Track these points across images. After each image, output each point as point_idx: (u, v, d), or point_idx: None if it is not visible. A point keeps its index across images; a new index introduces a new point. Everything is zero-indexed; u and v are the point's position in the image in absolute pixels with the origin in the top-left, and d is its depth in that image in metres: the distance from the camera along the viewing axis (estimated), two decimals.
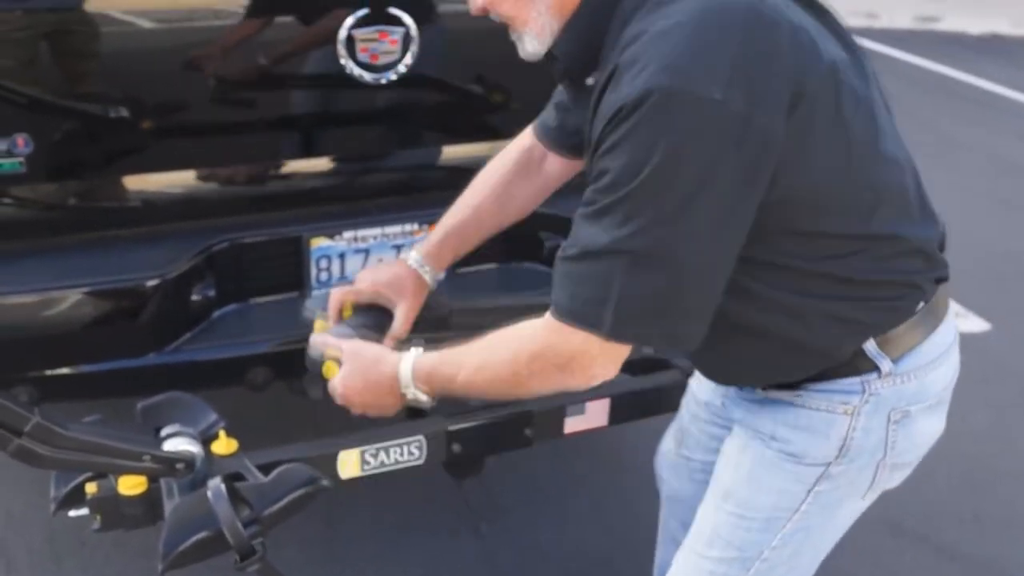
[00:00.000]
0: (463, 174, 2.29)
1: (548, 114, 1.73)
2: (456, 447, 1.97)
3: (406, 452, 1.93)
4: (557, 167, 1.77)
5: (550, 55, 1.39)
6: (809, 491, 1.42)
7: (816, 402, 1.39)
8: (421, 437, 1.94)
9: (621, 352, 1.29)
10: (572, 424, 2.05)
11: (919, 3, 11.01)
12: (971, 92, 7.59)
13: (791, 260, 1.28)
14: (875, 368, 1.36)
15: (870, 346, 1.35)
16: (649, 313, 1.22)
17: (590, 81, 1.35)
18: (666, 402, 2.17)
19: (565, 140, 1.69)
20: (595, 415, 2.07)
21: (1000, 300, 4.09)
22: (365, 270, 1.76)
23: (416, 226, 2.24)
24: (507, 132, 2.30)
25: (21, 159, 1.88)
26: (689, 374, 2.08)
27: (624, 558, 2.49)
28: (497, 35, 2.19)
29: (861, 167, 1.27)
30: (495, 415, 2.00)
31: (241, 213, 2.14)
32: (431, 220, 2.22)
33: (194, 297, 2.07)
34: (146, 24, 1.93)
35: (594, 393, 2.06)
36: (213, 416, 1.80)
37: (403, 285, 1.75)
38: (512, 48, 2.20)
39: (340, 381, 1.59)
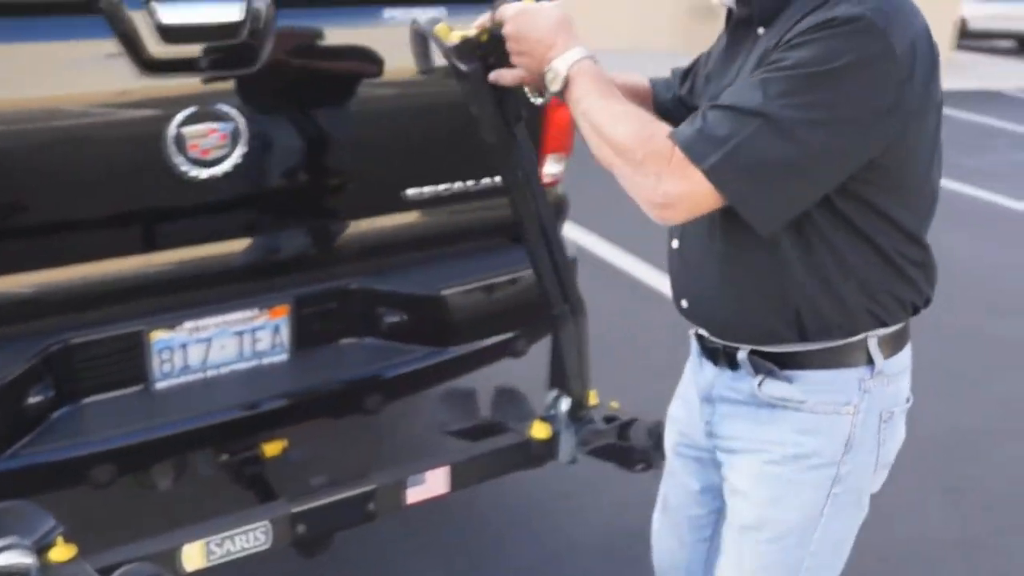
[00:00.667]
0: (300, 259, 2.39)
1: (667, 83, 1.84)
2: (301, 528, 2.03)
3: (252, 538, 1.98)
4: None
5: (743, 2, 1.51)
6: (828, 495, 1.54)
7: (821, 405, 1.51)
8: (266, 522, 2.00)
9: (701, 199, 1.37)
10: (414, 495, 2.15)
11: None
12: None
13: (856, 221, 1.43)
14: (870, 363, 1.50)
15: (872, 342, 1.49)
16: (752, 172, 1.34)
17: (761, 31, 1.48)
18: (504, 464, 2.29)
19: (662, 108, 1.78)
20: (435, 483, 2.16)
21: None
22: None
23: (256, 311, 2.29)
24: (342, 214, 2.41)
25: None
26: (523, 438, 2.21)
27: None
28: (322, 124, 2.31)
29: (935, 178, 1.49)
30: (338, 495, 2.07)
31: (78, 312, 2.14)
32: (270, 305, 2.31)
33: (31, 400, 2.06)
34: None
35: (433, 463, 2.16)
36: (50, 522, 1.81)
37: None
38: (342, 132, 2.31)
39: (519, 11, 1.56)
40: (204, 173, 2.13)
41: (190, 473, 2.36)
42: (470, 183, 2.52)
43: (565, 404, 2.29)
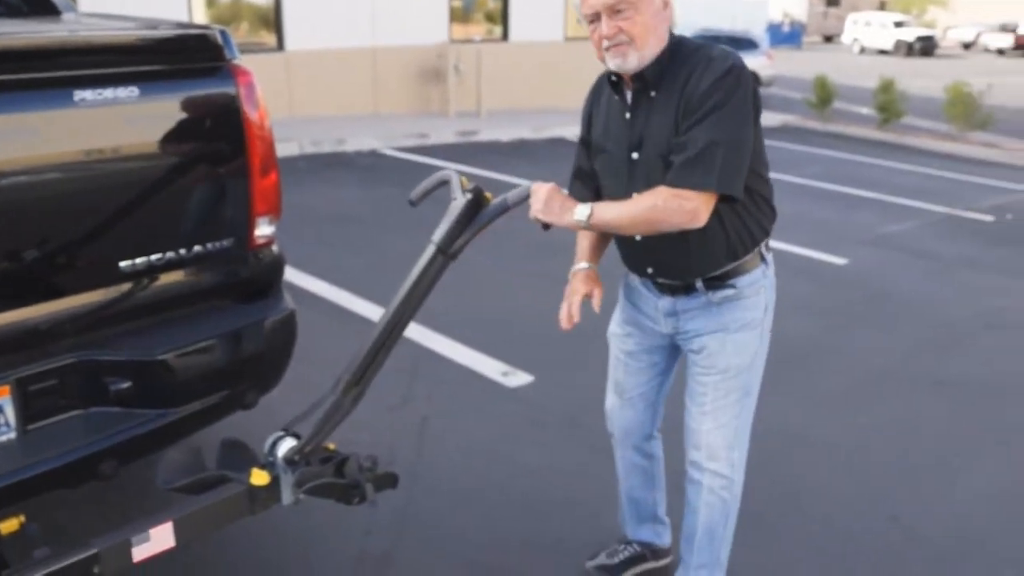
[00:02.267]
0: (19, 337, 2.44)
1: (580, 184, 2.61)
2: None
3: None
4: None
5: (639, 75, 2.31)
6: (759, 339, 2.55)
7: (749, 291, 2.48)
8: None
9: (711, 201, 2.26)
10: (140, 552, 2.25)
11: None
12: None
13: (752, 186, 2.36)
14: (764, 260, 2.50)
15: (762, 248, 2.49)
16: (733, 174, 2.24)
17: (653, 94, 2.32)
18: (229, 513, 2.42)
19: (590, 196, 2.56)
20: (161, 539, 2.27)
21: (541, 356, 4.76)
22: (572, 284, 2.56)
23: None
24: (58, 290, 2.49)
25: None
26: (244, 486, 2.35)
27: None
28: (29, 206, 2.38)
29: (765, 160, 2.46)
30: (62, 562, 2.14)
31: None
32: None
33: None
34: None
35: (155, 520, 2.28)
36: None
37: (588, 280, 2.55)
38: (50, 211, 2.35)
39: (542, 192, 2.31)
40: None
41: None
42: (183, 252, 2.66)
43: (282, 449, 2.43)
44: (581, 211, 2.28)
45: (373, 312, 5.35)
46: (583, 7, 2.28)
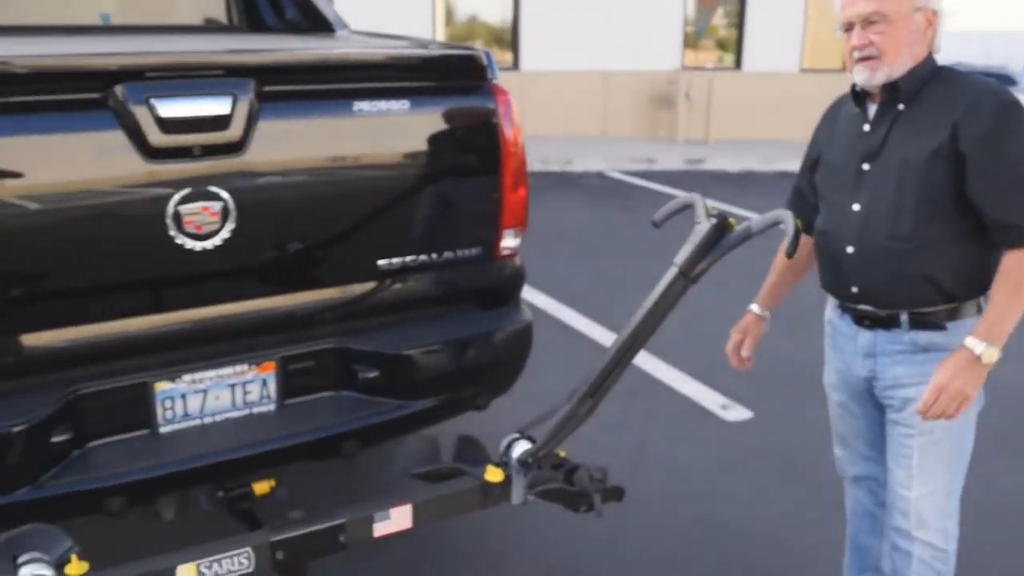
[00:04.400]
0: (284, 321, 2.71)
1: (796, 205, 2.61)
2: (280, 555, 2.33)
3: (237, 562, 2.29)
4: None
5: (891, 85, 2.26)
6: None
7: (959, 342, 2.20)
8: (249, 549, 2.30)
9: None
10: (380, 528, 2.44)
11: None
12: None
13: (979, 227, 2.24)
14: (979, 311, 2.28)
15: (982, 300, 2.28)
16: None
17: (901, 107, 2.28)
18: (462, 504, 2.59)
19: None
20: (400, 519, 2.46)
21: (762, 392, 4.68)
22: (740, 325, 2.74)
23: (246, 367, 2.63)
24: (321, 282, 2.74)
25: None
26: (479, 481, 2.50)
27: None
28: (302, 203, 2.63)
29: None
30: (312, 527, 2.37)
31: (94, 364, 2.48)
32: (259, 361, 2.64)
33: (55, 439, 2.38)
34: (6, 211, 2.23)
35: (397, 501, 2.47)
36: (67, 542, 2.13)
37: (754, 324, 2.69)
38: (319, 209, 2.60)
39: (941, 392, 2.20)
40: (199, 246, 2.47)
41: (192, 506, 2.67)
42: (434, 256, 2.85)
43: (517, 450, 2.59)
44: (988, 353, 2.16)
45: (597, 332, 5.48)
46: (840, 15, 2.28)
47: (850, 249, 2.37)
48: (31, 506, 2.35)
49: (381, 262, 2.78)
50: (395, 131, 2.74)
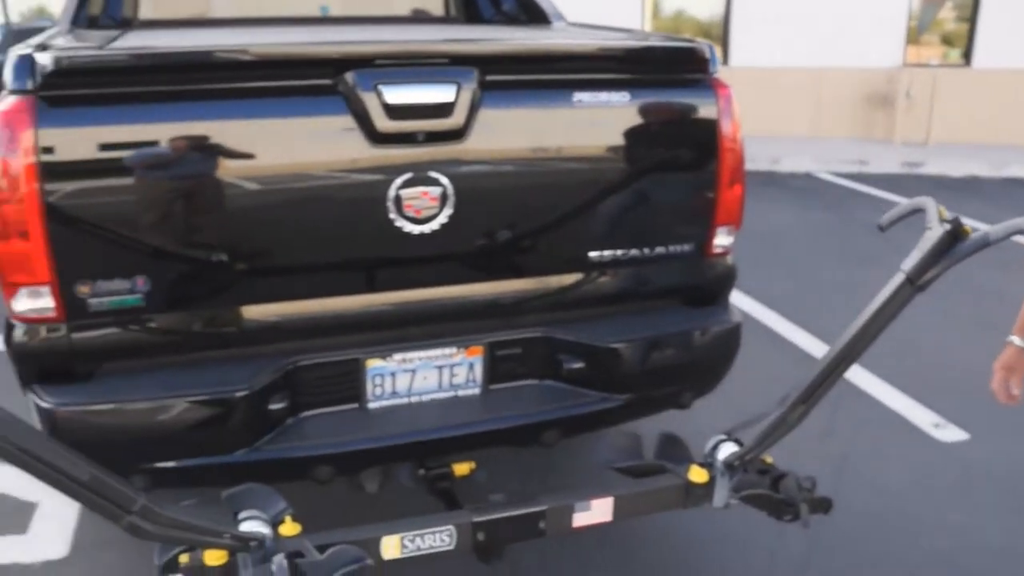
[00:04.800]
0: (494, 307, 2.75)
1: None
2: (480, 536, 2.37)
3: (438, 539, 2.34)
4: None
5: None
6: None
7: None
8: (451, 527, 2.35)
9: None
10: (580, 519, 2.44)
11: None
12: None
13: None
14: None
15: None
16: None
17: None
18: (663, 502, 2.55)
19: None
20: (600, 511, 2.45)
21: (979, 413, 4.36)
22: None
23: (454, 349, 2.68)
24: (532, 270, 2.76)
25: (140, 295, 2.39)
26: (682, 480, 2.46)
27: None
28: (518, 192, 2.66)
29: None
30: (514, 511, 2.40)
31: (312, 338, 2.60)
32: (467, 345, 2.69)
33: (273, 406, 2.51)
34: (231, 188, 2.38)
35: (599, 493, 2.46)
36: (282, 503, 2.25)
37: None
38: (535, 198, 2.63)
39: None
40: (417, 229, 2.53)
41: (393, 481, 2.75)
42: (646, 251, 2.82)
43: (723, 452, 2.53)
44: None
45: (800, 338, 5.29)
46: None
47: None
48: (248, 467, 2.49)
49: (592, 254, 2.77)
50: (613, 123, 2.72)
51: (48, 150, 2.22)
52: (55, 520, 3.51)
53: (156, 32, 3.29)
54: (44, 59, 2.21)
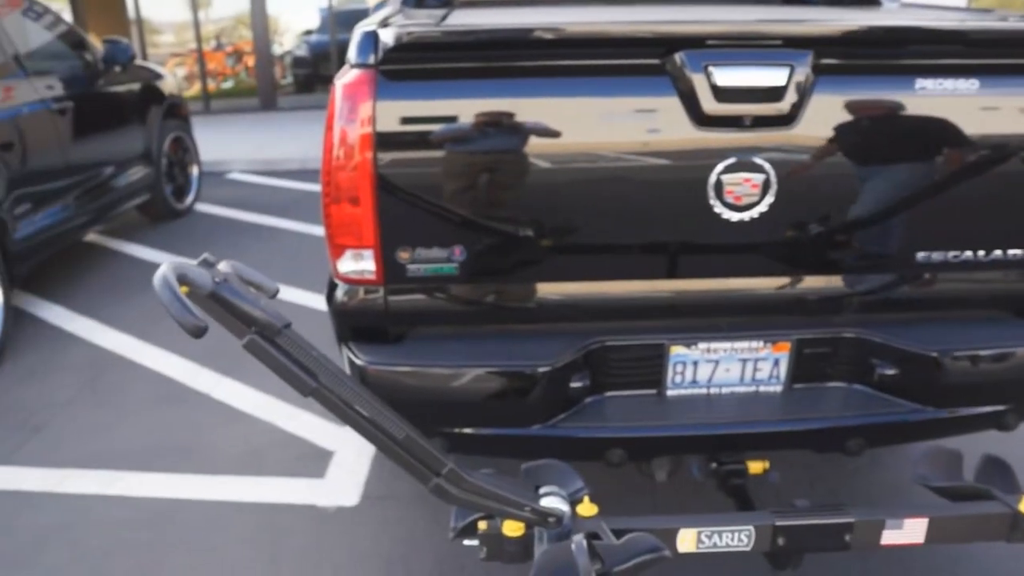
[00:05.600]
0: (806, 303, 2.61)
1: None
2: (780, 540, 2.26)
3: (736, 538, 2.25)
4: None
5: None
6: None
7: None
8: (751, 527, 2.25)
9: None
10: (889, 537, 2.28)
11: None
12: None
13: None
14: None
15: None
16: None
17: None
18: (982, 531, 2.33)
19: None
20: (912, 531, 2.27)
21: None
22: None
23: (761, 343, 2.57)
24: (850, 267, 2.59)
25: (456, 264, 2.46)
26: (1010, 509, 2.23)
27: None
28: (843, 184, 2.50)
29: None
30: (820, 519, 2.27)
31: (615, 320, 2.57)
32: (774, 340, 2.57)
33: (572, 385, 2.51)
34: (547, 165, 2.40)
35: (914, 512, 2.28)
36: (580, 483, 2.24)
37: None
38: (861, 191, 2.47)
39: None
40: (735, 216, 2.44)
41: (683, 472, 2.69)
42: (980, 254, 2.58)
43: None
44: None
45: None
46: None
47: None
48: (543, 442, 2.51)
49: (920, 254, 2.57)
50: (958, 112, 2.49)
51: (383, 121, 2.31)
52: (349, 470, 3.72)
53: (480, 11, 3.37)
54: (387, 35, 2.30)
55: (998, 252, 2.59)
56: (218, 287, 1.73)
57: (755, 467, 2.67)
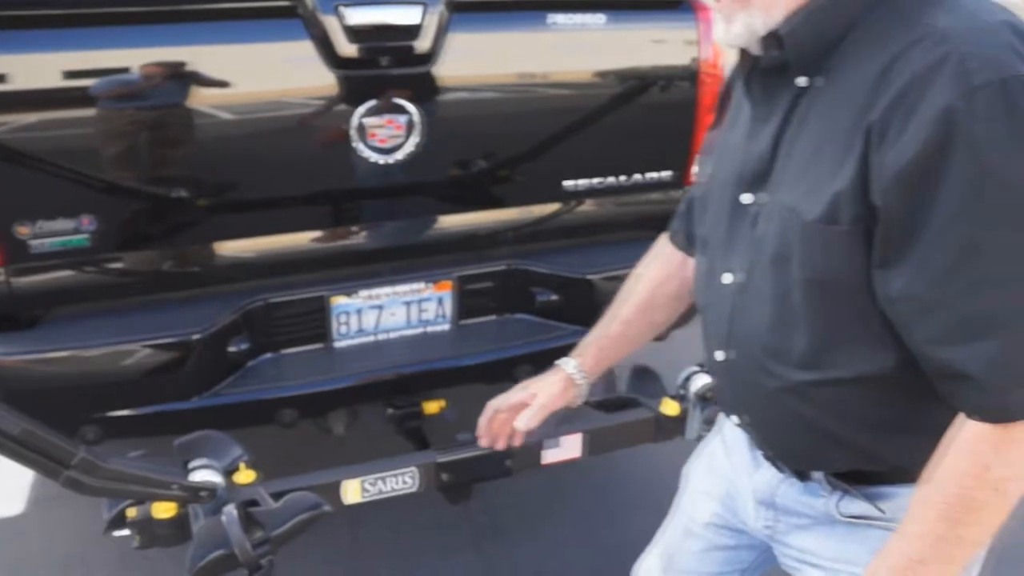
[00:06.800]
0: (464, 240, 2.63)
1: (681, 220, 1.74)
2: (445, 476, 2.28)
3: (401, 481, 2.25)
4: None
5: (772, 36, 1.18)
6: None
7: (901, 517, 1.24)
8: (414, 468, 2.26)
9: None
10: (549, 456, 2.35)
11: None
12: None
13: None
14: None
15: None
16: None
17: (802, 82, 1.19)
18: (634, 436, 2.46)
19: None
20: (569, 447, 2.36)
21: None
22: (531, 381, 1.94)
23: (423, 284, 2.58)
24: (503, 201, 2.64)
25: (86, 235, 2.27)
26: (654, 413, 2.37)
27: (612, 572, 2.77)
28: (487, 120, 2.53)
29: None
30: (479, 450, 2.31)
31: (272, 277, 2.49)
32: (436, 280, 2.58)
33: (232, 349, 2.42)
34: (182, 120, 2.24)
35: (568, 429, 2.37)
36: (238, 451, 2.15)
37: (554, 388, 1.89)
38: (506, 126, 2.49)
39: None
40: (383, 159, 2.41)
41: (361, 422, 2.67)
42: (622, 178, 2.69)
43: (695, 384, 2.42)
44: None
45: None
46: None
47: (719, 355, 1.41)
48: (207, 413, 2.39)
49: (566, 183, 2.65)
50: (589, 47, 2.57)
51: None
52: (6, 475, 3.41)
53: None
54: None
55: (638, 176, 2.72)
56: None
57: (431, 407, 2.70)
